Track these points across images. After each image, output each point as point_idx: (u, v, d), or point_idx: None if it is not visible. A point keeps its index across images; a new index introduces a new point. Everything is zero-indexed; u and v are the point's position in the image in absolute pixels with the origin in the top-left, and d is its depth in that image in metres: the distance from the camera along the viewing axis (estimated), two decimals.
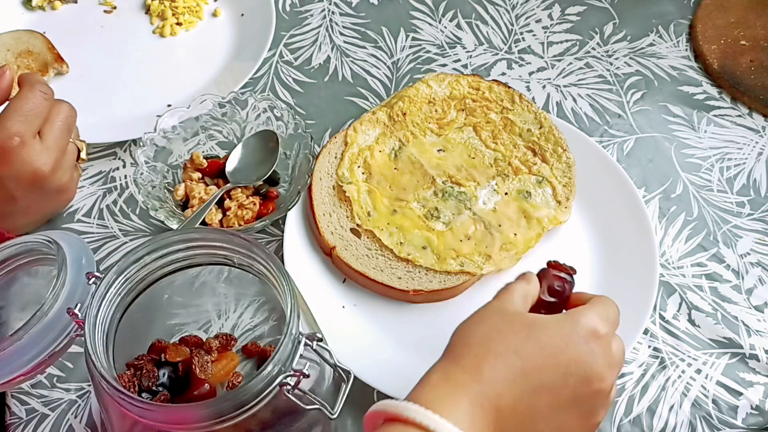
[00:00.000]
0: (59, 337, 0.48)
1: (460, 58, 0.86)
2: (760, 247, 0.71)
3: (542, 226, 0.68)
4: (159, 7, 0.89)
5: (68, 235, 0.53)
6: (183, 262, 0.51)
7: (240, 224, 0.68)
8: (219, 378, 0.53)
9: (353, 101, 0.82)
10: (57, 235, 0.52)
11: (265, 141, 0.73)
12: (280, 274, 0.47)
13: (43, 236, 0.52)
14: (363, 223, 0.68)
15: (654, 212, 0.73)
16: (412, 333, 0.64)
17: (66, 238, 0.52)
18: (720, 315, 0.66)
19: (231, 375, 0.54)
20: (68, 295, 0.49)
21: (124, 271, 0.48)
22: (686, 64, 0.86)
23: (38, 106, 0.61)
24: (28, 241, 0.52)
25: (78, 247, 0.52)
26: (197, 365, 0.52)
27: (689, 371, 0.63)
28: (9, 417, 0.61)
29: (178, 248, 0.49)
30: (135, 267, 0.48)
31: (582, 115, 0.80)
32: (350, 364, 0.59)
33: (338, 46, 0.87)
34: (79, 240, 0.53)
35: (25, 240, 0.53)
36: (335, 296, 0.65)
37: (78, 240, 0.53)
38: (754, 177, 0.76)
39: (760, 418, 0.61)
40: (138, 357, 0.53)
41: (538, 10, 0.91)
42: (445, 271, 0.65)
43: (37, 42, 0.83)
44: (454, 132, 0.74)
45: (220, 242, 0.49)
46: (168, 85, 0.82)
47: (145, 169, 0.69)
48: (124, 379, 0.50)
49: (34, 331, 0.48)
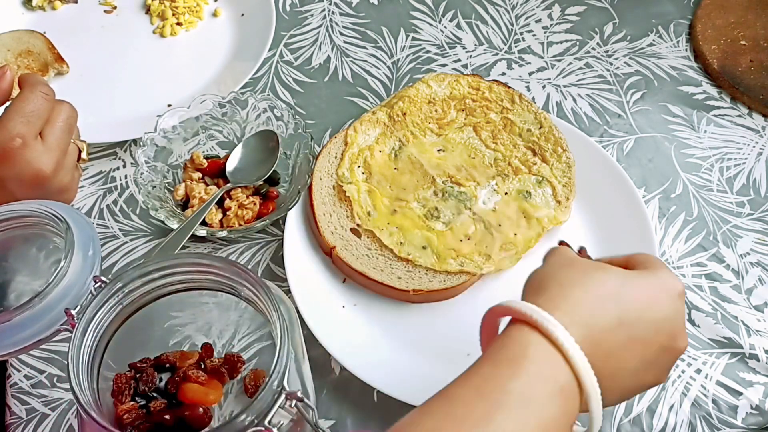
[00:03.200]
0: (48, 328, 0.48)
1: (460, 58, 0.86)
2: (760, 247, 0.71)
3: (542, 226, 0.68)
4: (159, 7, 0.89)
5: (78, 217, 0.52)
6: (189, 284, 0.50)
7: (240, 224, 0.68)
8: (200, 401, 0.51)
9: (353, 101, 0.82)
10: (66, 212, 0.51)
11: (265, 141, 0.73)
12: (283, 330, 0.45)
13: (52, 211, 0.51)
14: (363, 223, 0.68)
15: (654, 212, 0.73)
16: (412, 333, 0.64)
17: (76, 219, 0.51)
18: (720, 315, 0.66)
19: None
20: (67, 286, 0.48)
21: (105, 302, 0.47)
22: (686, 64, 0.86)
23: (39, 107, 0.61)
24: (37, 213, 0.51)
25: (87, 234, 0.51)
26: (183, 387, 0.51)
27: (689, 371, 0.63)
28: (9, 417, 0.61)
29: (186, 270, 0.49)
30: (128, 296, 0.48)
31: (582, 115, 0.80)
32: (350, 364, 0.60)
33: (338, 46, 0.87)
34: (89, 225, 0.52)
35: (32, 209, 0.51)
36: (335, 296, 0.65)
37: (87, 224, 0.52)
38: (753, 177, 0.76)
39: (760, 418, 0.61)
40: (142, 360, 0.52)
41: (538, 10, 0.91)
42: (445, 271, 0.65)
43: (37, 42, 0.83)
44: (454, 132, 0.74)
45: (227, 274, 0.48)
46: (168, 85, 0.82)
47: (145, 169, 0.69)
48: (122, 379, 0.50)
49: (26, 315, 0.47)
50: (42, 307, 0.48)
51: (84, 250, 0.50)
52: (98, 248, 0.52)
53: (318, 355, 0.62)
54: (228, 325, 0.55)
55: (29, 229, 0.53)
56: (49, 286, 0.48)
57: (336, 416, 0.60)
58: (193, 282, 0.50)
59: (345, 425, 0.60)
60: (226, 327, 0.55)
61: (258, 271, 0.69)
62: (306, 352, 0.54)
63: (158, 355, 0.52)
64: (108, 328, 0.48)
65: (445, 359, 0.58)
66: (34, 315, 0.48)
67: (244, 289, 0.49)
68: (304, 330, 0.60)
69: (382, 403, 0.61)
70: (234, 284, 0.49)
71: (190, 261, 0.49)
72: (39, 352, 0.64)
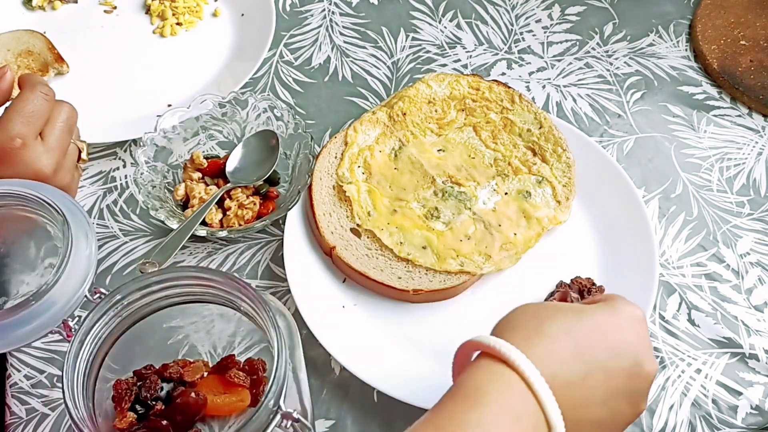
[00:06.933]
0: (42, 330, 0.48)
1: (460, 58, 0.86)
2: (760, 247, 0.71)
3: (542, 225, 0.68)
4: (159, 7, 0.89)
5: (75, 210, 0.51)
6: (188, 296, 0.50)
7: (240, 224, 0.68)
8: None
9: (353, 101, 0.82)
10: (64, 205, 0.50)
11: (265, 141, 0.73)
12: (281, 347, 0.45)
13: (50, 201, 0.50)
14: (363, 223, 0.68)
15: (654, 212, 0.73)
16: (412, 333, 0.64)
17: (74, 214, 0.50)
18: (720, 315, 0.66)
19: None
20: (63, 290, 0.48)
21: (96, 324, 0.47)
22: (686, 64, 0.86)
23: (39, 107, 0.61)
24: (37, 199, 0.50)
25: (83, 228, 0.50)
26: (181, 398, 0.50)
27: (689, 371, 0.63)
28: (9, 417, 0.61)
29: (185, 283, 0.49)
30: (123, 310, 0.48)
31: (582, 115, 0.80)
32: (350, 364, 0.60)
33: (338, 46, 0.87)
34: (85, 218, 0.51)
35: (30, 194, 0.51)
36: (335, 296, 0.65)
37: (83, 217, 0.51)
38: (753, 177, 0.76)
39: (760, 418, 0.61)
40: (147, 366, 0.52)
41: (538, 10, 0.91)
42: (445, 271, 0.65)
43: (37, 42, 0.83)
44: (454, 132, 0.74)
45: (227, 289, 0.48)
46: (168, 85, 0.82)
47: (145, 169, 0.69)
48: (123, 385, 0.49)
49: (22, 314, 0.47)
50: (37, 308, 0.47)
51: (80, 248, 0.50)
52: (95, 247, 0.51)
53: (318, 355, 0.62)
54: (229, 334, 0.55)
55: (23, 212, 0.52)
56: (47, 287, 0.47)
57: (336, 416, 0.60)
58: (193, 295, 0.50)
59: (345, 425, 0.60)
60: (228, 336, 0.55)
61: (258, 271, 0.69)
62: (305, 366, 0.53)
63: (163, 363, 0.52)
64: (106, 340, 0.48)
65: (445, 359, 0.58)
66: (29, 315, 0.47)
67: (243, 304, 0.48)
68: (304, 330, 0.60)
69: (382, 403, 0.61)
70: (233, 298, 0.49)
71: (190, 274, 0.49)
72: (39, 352, 0.64)
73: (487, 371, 0.43)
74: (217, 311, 0.53)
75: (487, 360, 0.43)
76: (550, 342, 0.44)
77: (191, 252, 0.70)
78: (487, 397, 0.41)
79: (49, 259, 0.53)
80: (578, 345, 0.44)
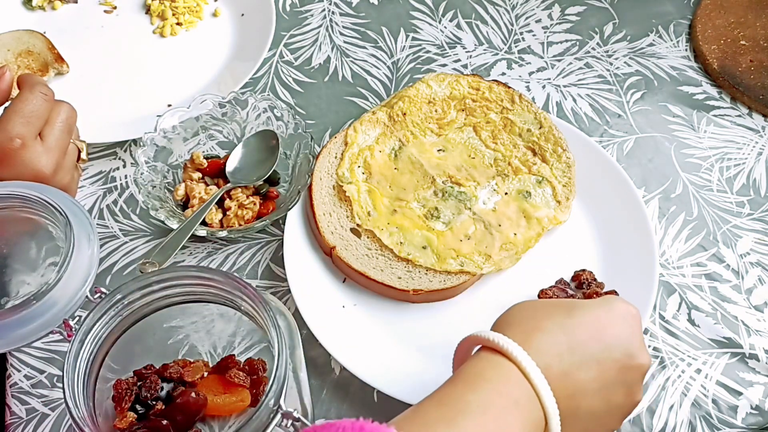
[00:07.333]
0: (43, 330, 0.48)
1: (460, 58, 0.86)
2: (760, 247, 0.71)
3: (542, 225, 0.68)
4: (159, 7, 0.89)
5: (77, 211, 0.51)
6: (189, 296, 0.50)
7: (240, 224, 0.68)
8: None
9: (353, 101, 0.82)
10: (67, 206, 0.50)
11: (265, 141, 0.73)
12: (281, 347, 0.45)
13: (53, 203, 0.50)
14: (363, 223, 0.68)
15: (654, 212, 0.73)
16: (412, 333, 0.64)
17: (76, 215, 0.50)
18: (720, 315, 0.66)
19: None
20: (65, 290, 0.48)
21: (97, 322, 0.47)
22: (686, 64, 0.86)
23: (39, 107, 0.61)
24: (40, 201, 0.50)
25: (85, 229, 0.50)
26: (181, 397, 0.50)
27: (689, 371, 0.63)
28: (9, 417, 0.61)
29: (186, 282, 0.49)
30: (124, 309, 0.48)
31: (582, 115, 0.80)
32: (350, 364, 0.60)
33: (338, 46, 0.87)
34: (87, 218, 0.51)
35: (32, 195, 0.51)
36: (335, 296, 0.65)
37: (85, 218, 0.51)
38: (753, 177, 0.76)
39: (760, 418, 0.61)
40: (147, 366, 0.52)
41: (538, 10, 0.91)
42: (445, 271, 0.65)
43: (37, 42, 0.83)
44: (454, 132, 0.74)
45: (228, 288, 0.48)
46: (168, 85, 0.82)
47: (145, 169, 0.69)
48: (123, 385, 0.49)
49: (22, 314, 0.47)
50: (38, 308, 0.47)
51: (83, 250, 0.50)
52: (97, 248, 0.51)
53: (318, 355, 0.62)
54: (229, 334, 0.55)
55: (25, 213, 0.53)
56: (48, 287, 0.47)
57: (336, 416, 0.60)
58: (194, 294, 0.50)
59: None
60: (228, 336, 0.55)
61: (258, 271, 0.69)
62: (305, 366, 0.53)
63: (163, 363, 0.52)
64: (106, 340, 0.48)
65: (445, 359, 0.58)
66: (30, 315, 0.47)
67: (243, 304, 0.49)
68: (304, 330, 0.60)
69: (382, 403, 0.61)
70: (234, 298, 0.49)
71: (190, 274, 0.49)
72: (39, 352, 0.64)
73: (487, 362, 0.45)
74: (218, 311, 0.53)
75: (487, 352, 0.46)
76: (546, 337, 0.46)
77: (191, 252, 0.70)
78: (487, 382, 0.44)
79: (50, 259, 0.53)
80: (572, 339, 0.46)
